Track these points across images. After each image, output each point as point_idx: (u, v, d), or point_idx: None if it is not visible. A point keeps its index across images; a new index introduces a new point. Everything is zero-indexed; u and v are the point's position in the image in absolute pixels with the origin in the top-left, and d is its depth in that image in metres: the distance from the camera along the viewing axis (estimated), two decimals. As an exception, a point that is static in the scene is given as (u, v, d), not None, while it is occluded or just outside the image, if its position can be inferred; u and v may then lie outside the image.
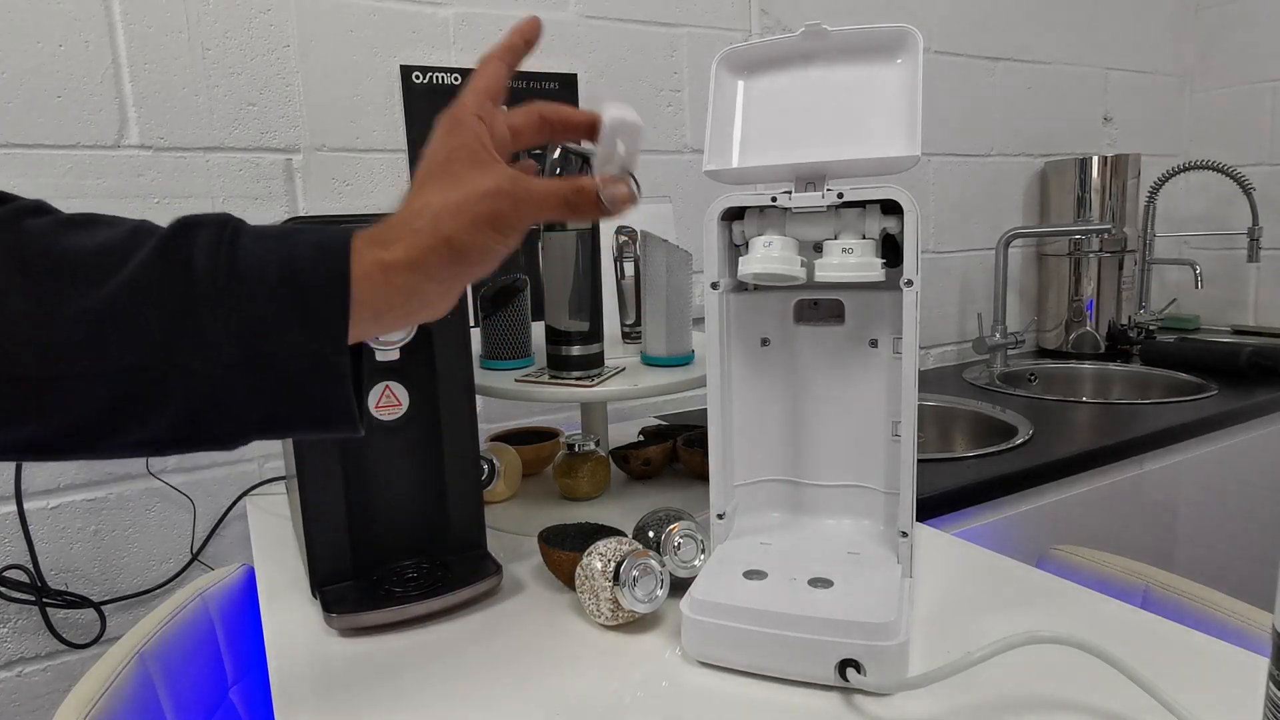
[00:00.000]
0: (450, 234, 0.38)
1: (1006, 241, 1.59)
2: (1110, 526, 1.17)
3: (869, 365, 0.68)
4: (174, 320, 0.34)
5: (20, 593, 0.94)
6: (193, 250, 0.35)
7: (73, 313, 0.33)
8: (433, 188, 0.39)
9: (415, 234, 0.38)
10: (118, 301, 0.33)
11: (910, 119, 0.59)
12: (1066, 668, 0.55)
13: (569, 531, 0.74)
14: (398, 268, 0.37)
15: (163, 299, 0.33)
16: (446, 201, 0.38)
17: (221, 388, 0.34)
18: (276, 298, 0.35)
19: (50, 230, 0.35)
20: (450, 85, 1.14)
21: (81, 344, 0.33)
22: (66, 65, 0.93)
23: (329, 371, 0.36)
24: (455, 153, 0.40)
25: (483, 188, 0.39)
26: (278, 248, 0.36)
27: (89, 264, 0.34)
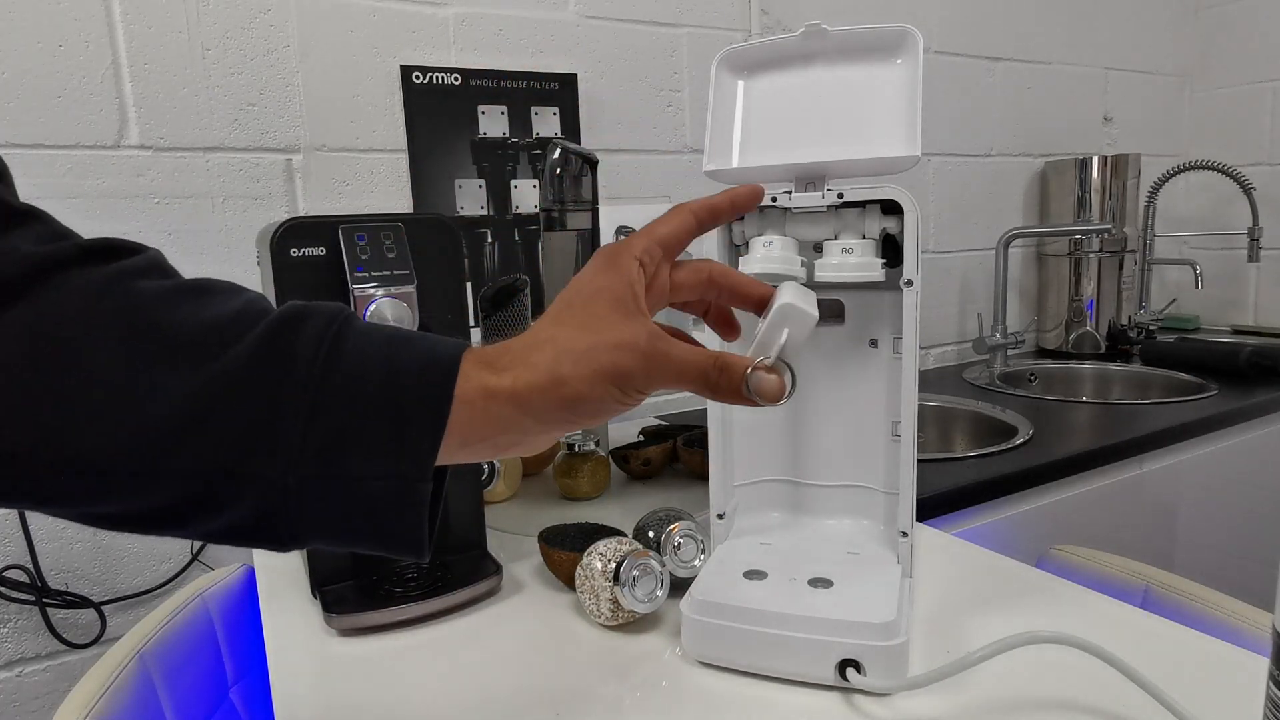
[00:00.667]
0: (567, 377, 0.34)
1: (1006, 241, 1.59)
2: (1110, 526, 1.17)
3: (869, 365, 0.68)
4: (260, 421, 0.31)
5: (20, 593, 0.94)
6: (295, 345, 0.32)
7: (163, 399, 0.30)
8: (566, 323, 0.36)
9: (530, 367, 0.34)
10: (211, 392, 0.31)
11: (910, 119, 0.59)
12: (1066, 668, 0.55)
13: (569, 531, 0.74)
14: (501, 397, 0.34)
15: (254, 397, 0.31)
16: (575, 342, 0.35)
17: (292, 497, 0.32)
18: (367, 412, 0.32)
19: (163, 297, 0.32)
20: (450, 85, 1.14)
21: (162, 439, 0.30)
22: (66, 65, 0.93)
23: (406, 498, 0.33)
24: (601, 292, 0.37)
25: (617, 339, 0.35)
26: (382, 354, 0.33)
27: (193, 343, 0.31)
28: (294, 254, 0.64)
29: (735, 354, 0.38)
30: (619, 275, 0.38)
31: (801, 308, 0.41)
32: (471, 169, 1.17)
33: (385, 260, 0.65)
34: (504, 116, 1.18)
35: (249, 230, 1.04)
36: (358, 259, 0.64)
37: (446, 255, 0.69)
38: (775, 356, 0.40)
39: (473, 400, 0.33)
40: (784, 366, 0.40)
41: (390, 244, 0.66)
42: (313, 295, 0.63)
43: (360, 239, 0.65)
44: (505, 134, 1.19)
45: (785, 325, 0.40)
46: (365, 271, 0.64)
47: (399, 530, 0.33)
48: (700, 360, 0.37)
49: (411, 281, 0.66)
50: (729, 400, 0.38)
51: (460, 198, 1.17)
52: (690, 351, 0.37)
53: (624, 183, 1.30)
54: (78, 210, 0.94)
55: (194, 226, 1.01)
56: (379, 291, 0.64)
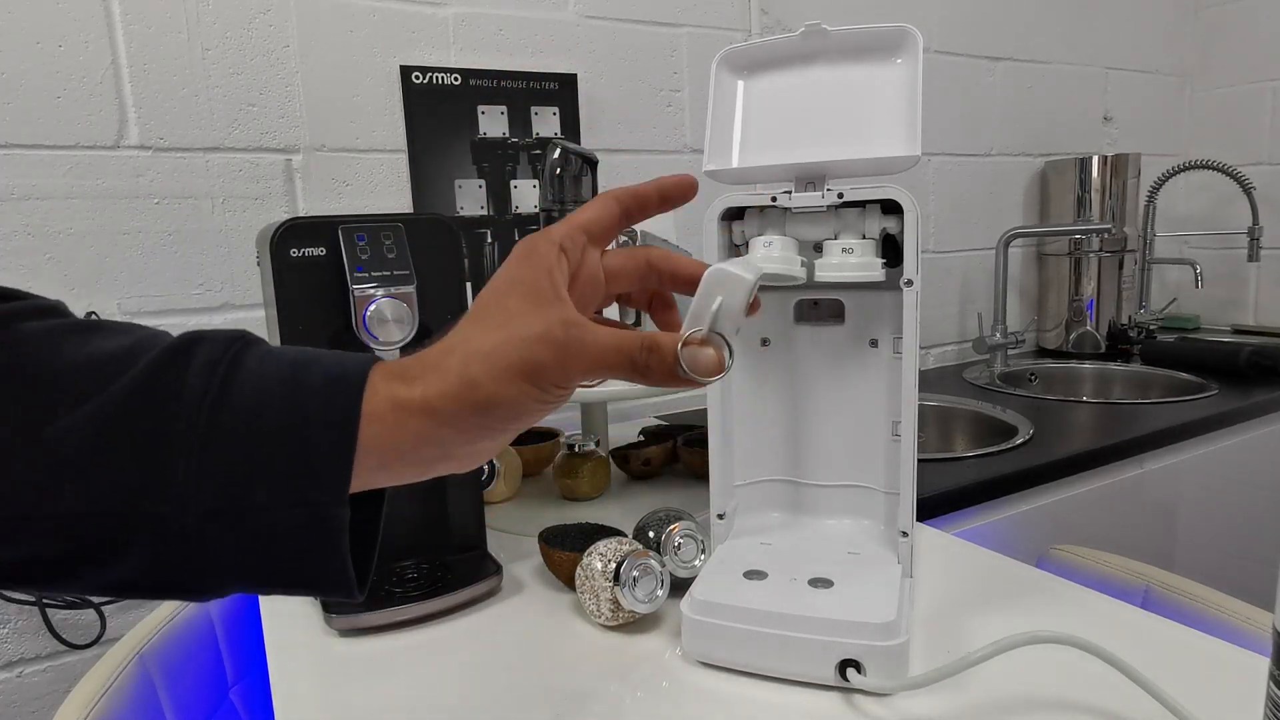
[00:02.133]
0: (476, 379, 0.31)
1: (1006, 241, 1.59)
2: (1110, 526, 1.17)
3: (869, 365, 0.68)
4: (147, 459, 0.28)
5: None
6: (185, 375, 0.29)
7: (39, 441, 0.28)
8: (479, 323, 0.33)
9: (440, 374, 0.32)
10: (89, 432, 0.28)
11: (910, 119, 0.59)
12: (1067, 668, 0.55)
13: (569, 531, 0.74)
14: (412, 409, 0.31)
15: (139, 433, 0.28)
16: (484, 341, 0.32)
17: (194, 539, 0.29)
18: (269, 438, 0.29)
19: (44, 336, 0.30)
20: (450, 85, 1.14)
21: (38, 482, 0.28)
22: (66, 65, 0.93)
23: (320, 528, 0.30)
24: (516, 285, 0.34)
25: (528, 331, 0.32)
26: (284, 374, 0.30)
27: (71, 380, 0.29)
28: (294, 254, 0.64)
29: (664, 332, 0.35)
30: (535, 264, 0.35)
31: (733, 271, 0.37)
32: (471, 169, 1.17)
33: (385, 260, 0.65)
34: (504, 116, 1.18)
35: (249, 230, 1.04)
36: (358, 259, 0.64)
37: (446, 255, 0.69)
38: (709, 328, 0.36)
39: (383, 415, 0.31)
40: (720, 340, 0.36)
41: (390, 244, 0.66)
42: (313, 296, 0.64)
43: (360, 239, 0.65)
44: (505, 134, 1.19)
45: (717, 292, 0.36)
46: (365, 272, 0.64)
47: (318, 565, 0.30)
48: (625, 342, 0.33)
49: (411, 282, 0.66)
50: (663, 384, 0.34)
51: (460, 198, 1.17)
52: (613, 334, 0.33)
53: (624, 183, 1.29)
54: (77, 210, 0.94)
55: (194, 227, 1.01)
56: (379, 292, 0.64)
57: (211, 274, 1.03)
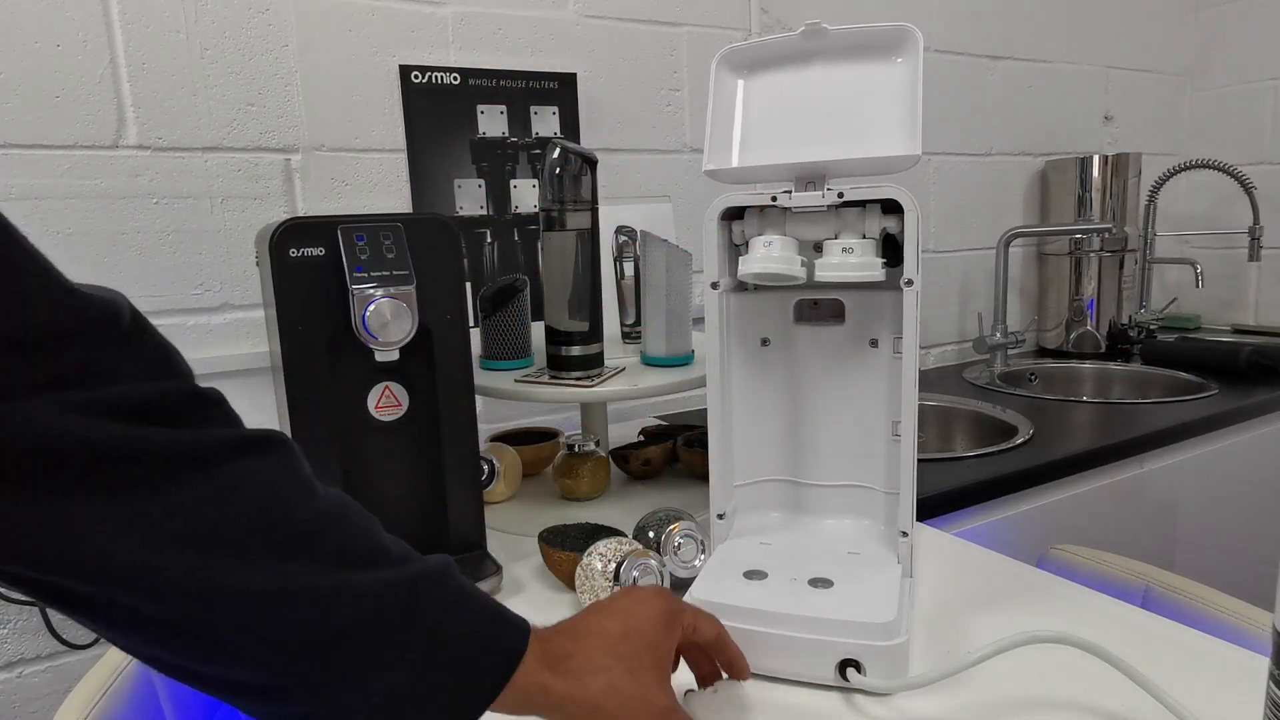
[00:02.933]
0: (607, 710, 0.41)
1: (1007, 241, 1.59)
2: (1110, 526, 1.17)
3: (869, 365, 0.68)
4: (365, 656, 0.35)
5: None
6: (429, 603, 0.37)
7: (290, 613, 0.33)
8: (622, 659, 0.42)
9: (584, 687, 0.41)
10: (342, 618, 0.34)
11: (910, 118, 0.59)
12: (1067, 668, 0.55)
13: (569, 531, 0.74)
14: (553, 696, 0.40)
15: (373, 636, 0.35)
16: (623, 685, 0.41)
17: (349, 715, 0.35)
18: (441, 676, 0.37)
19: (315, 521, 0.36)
20: (449, 85, 1.14)
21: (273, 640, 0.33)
22: (64, 65, 0.93)
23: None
24: (654, 648, 0.44)
25: (652, 700, 0.42)
26: (474, 630, 0.38)
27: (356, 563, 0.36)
28: (293, 254, 0.64)
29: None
30: (668, 640, 0.45)
31: None
32: (471, 169, 1.17)
33: (384, 260, 0.65)
34: (503, 116, 1.18)
35: (248, 230, 1.04)
36: (357, 259, 0.64)
37: (446, 255, 0.69)
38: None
39: (525, 689, 0.38)
40: None
41: (389, 244, 0.66)
42: (312, 296, 0.64)
43: (359, 239, 0.65)
44: (504, 134, 1.18)
45: None
46: (364, 272, 0.64)
47: None
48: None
49: (411, 281, 0.66)
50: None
51: (459, 197, 1.16)
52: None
53: (624, 182, 1.30)
54: (76, 210, 0.94)
55: (193, 226, 1.01)
56: (378, 292, 0.64)
57: (210, 274, 1.03)
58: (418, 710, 0.36)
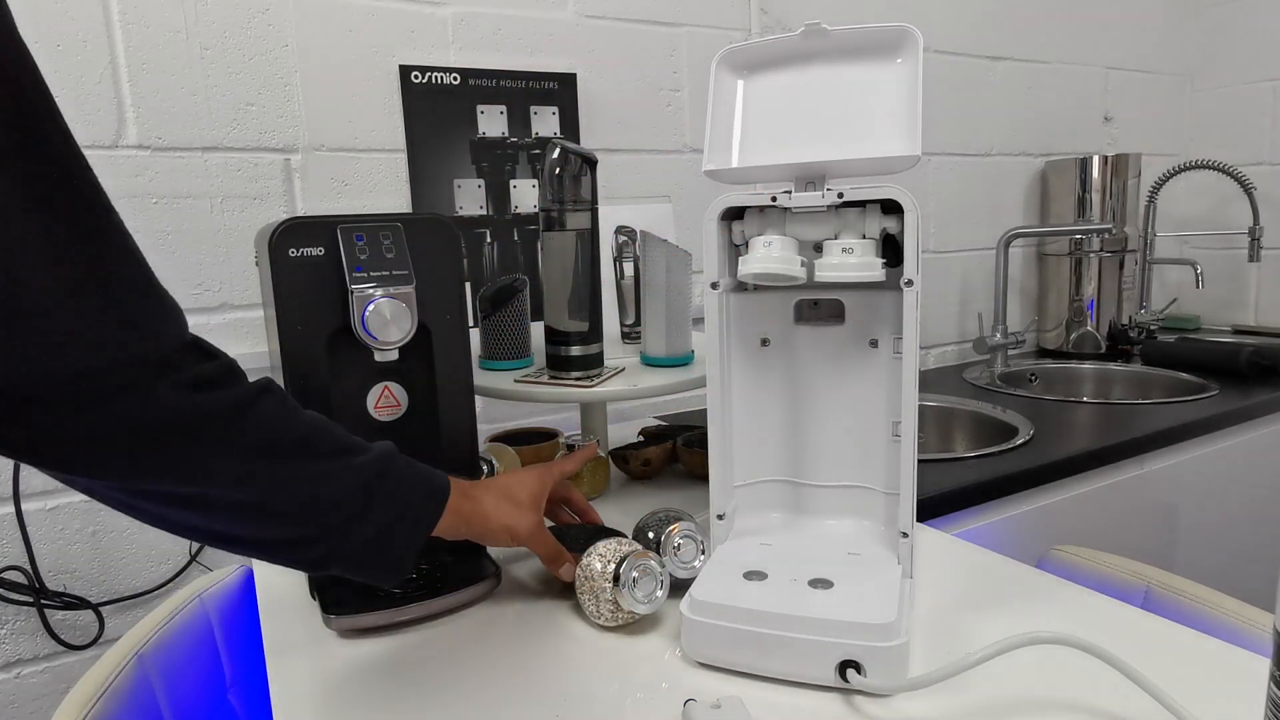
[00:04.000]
0: (488, 517, 0.64)
1: (1007, 241, 1.59)
2: (1111, 527, 1.17)
3: (869, 365, 0.68)
4: (356, 512, 0.53)
5: (18, 594, 0.93)
6: (386, 474, 0.55)
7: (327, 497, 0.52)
8: (507, 494, 0.66)
9: (478, 505, 0.63)
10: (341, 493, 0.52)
11: (910, 119, 0.59)
12: (1067, 668, 0.55)
13: (570, 532, 0.74)
14: (461, 514, 0.61)
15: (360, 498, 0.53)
16: (504, 509, 0.65)
17: (352, 551, 0.53)
18: (406, 516, 0.56)
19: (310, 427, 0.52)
20: (449, 85, 1.14)
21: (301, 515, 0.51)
22: (64, 65, 0.93)
23: (402, 563, 0.56)
24: (529, 490, 0.68)
25: (518, 521, 0.65)
26: (417, 483, 0.57)
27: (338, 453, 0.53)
28: (292, 254, 0.63)
29: (568, 556, 0.68)
30: (540, 487, 0.69)
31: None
32: (470, 169, 1.17)
33: (384, 260, 0.65)
34: (503, 116, 1.18)
35: (247, 230, 1.04)
36: (356, 259, 0.64)
37: (445, 255, 0.69)
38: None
39: (452, 511, 0.60)
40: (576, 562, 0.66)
41: (389, 244, 0.66)
42: (312, 295, 0.64)
43: (359, 239, 0.65)
44: (504, 134, 1.18)
45: None
46: (364, 271, 0.64)
47: (391, 575, 0.56)
48: (548, 550, 0.67)
49: (410, 281, 0.66)
50: (550, 568, 0.69)
51: (459, 197, 1.16)
52: (547, 544, 0.67)
53: (623, 182, 1.30)
54: (76, 210, 0.94)
55: (192, 226, 1.01)
56: (378, 292, 0.64)
57: (210, 274, 1.02)
58: (396, 536, 0.55)
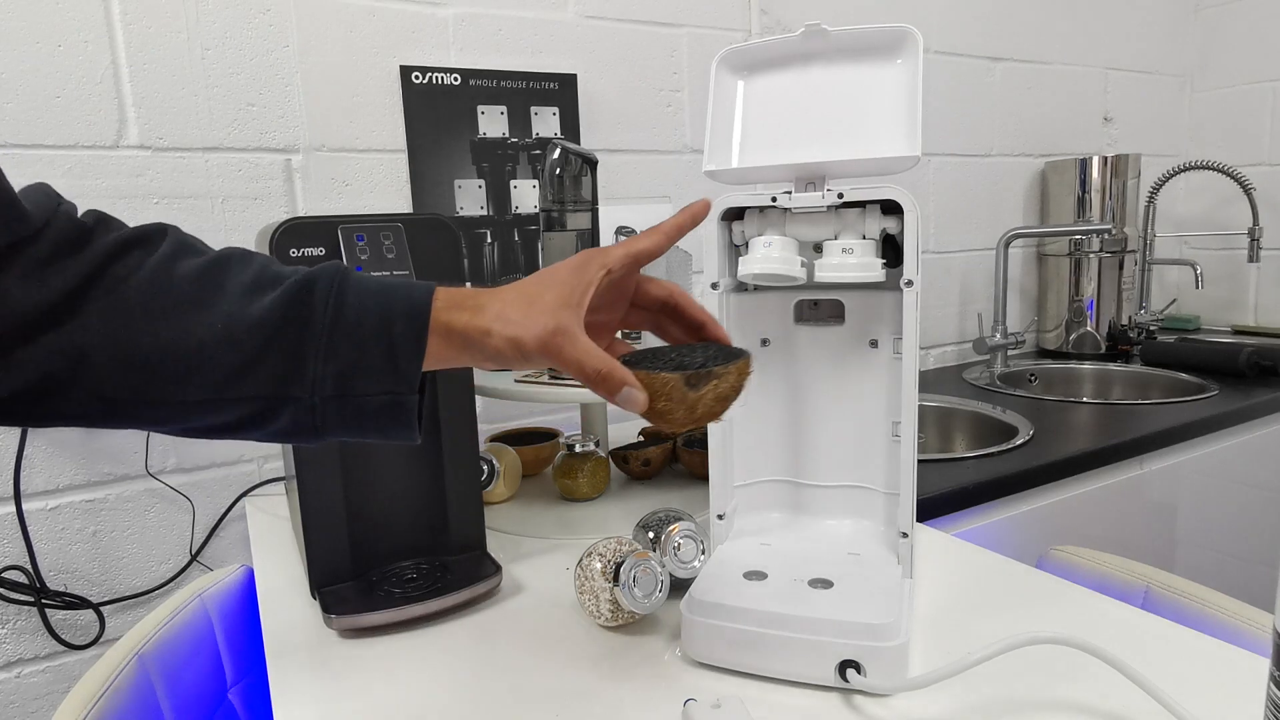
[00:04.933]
0: (494, 331, 0.45)
1: (1007, 242, 1.59)
2: (1110, 527, 1.17)
3: (869, 365, 0.68)
4: (291, 362, 0.42)
5: (19, 593, 0.93)
6: (313, 302, 0.43)
7: (223, 356, 0.42)
8: (520, 295, 0.46)
9: (479, 315, 0.45)
10: (259, 338, 0.42)
11: (910, 119, 0.59)
12: (1067, 668, 0.55)
13: (663, 353, 0.51)
14: (455, 332, 0.45)
15: (288, 342, 0.42)
16: (513, 312, 0.45)
17: (318, 413, 0.43)
18: (368, 349, 0.43)
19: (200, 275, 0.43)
20: (450, 85, 1.14)
21: (226, 381, 0.42)
22: (65, 65, 0.93)
23: (400, 407, 0.44)
24: (557, 285, 0.46)
25: (536, 325, 0.44)
26: (374, 305, 0.44)
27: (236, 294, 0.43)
28: (293, 254, 0.64)
29: (621, 368, 0.45)
30: (580, 276, 0.47)
31: None
32: (471, 169, 1.17)
33: (384, 260, 0.65)
34: (503, 117, 1.18)
35: (248, 230, 1.04)
36: (357, 259, 0.64)
37: (446, 255, 0.69)
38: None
39: (439, 331, 0.45)
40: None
41: (389, 244, 0.66)
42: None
43: (359, 239, 0.65)
44: (505, 134, 1.18)
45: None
46: (364, 272, 0.64)
47: (396, 428, 0.45)
48: (590, 361, 0.45)
49: (411, 282, 0.65)
50: (604, 397, 0.46)
51: (460, 198, 1.16)
52: (585, 352, 0.45)
53: (624, 183, 1.30)
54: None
55: (193, 226, 1.01)
56: (378, 292, 0.64)
57: (211, 274, 1.02)
58: (365, 384, 0.43)
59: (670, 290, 0.53)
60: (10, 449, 0.92)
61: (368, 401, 0.44)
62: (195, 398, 0.42)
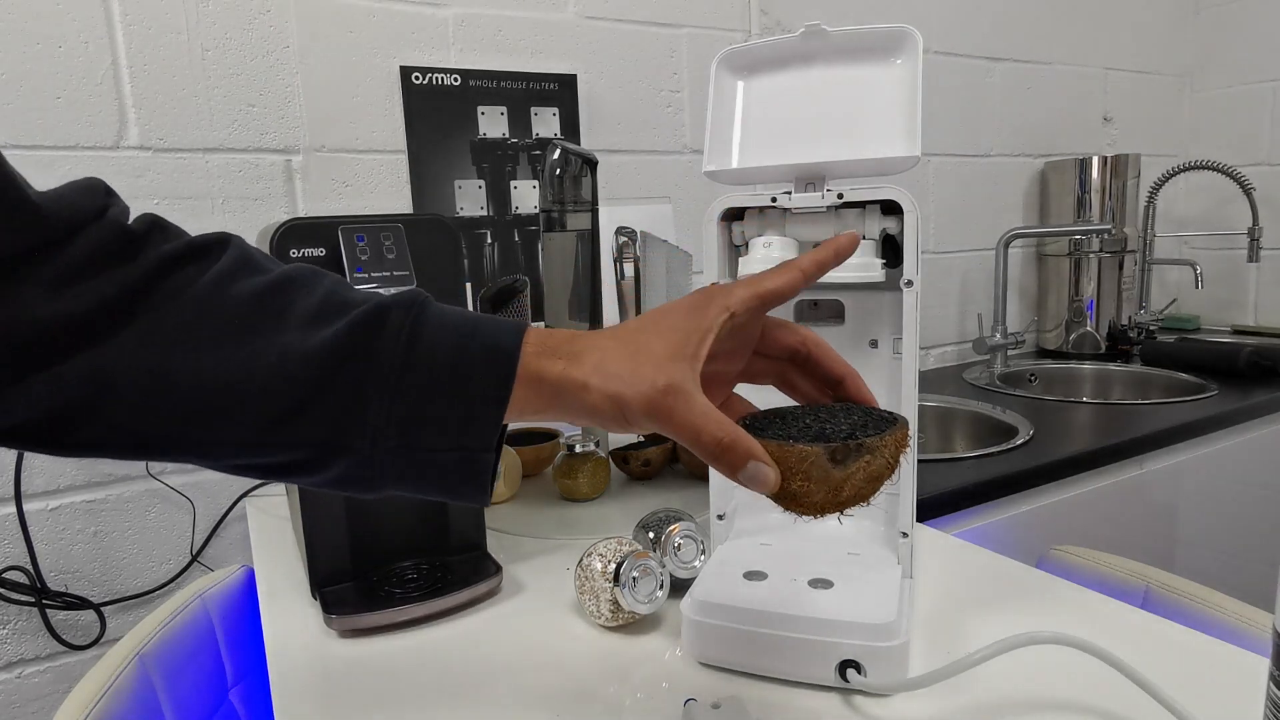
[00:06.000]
0: (592, 387, 0.38)
1: (1006, 242, 1.59)
2: (1110, 527, 1.17)
3: (869, 366, 0.68)
4: (351, 405, 0.37)
5: (20, 594, 0.94)
6: (383, 337, 0.37)
7: (274, 394, 0.36)
8: (624, 342, 0.39)
9: (574, 365, 0.38)
10: (308, 380, 0.36)
11: (910, 119, 0.59)
12: (1067, 668, 0.55)
13: (798, 415, 0.45)
14: (546, 383, 0.38)
15: (346, 384, 0.37)
16: (614, 364, 0.38)
17: (377, 465, 0.38)
18: (440, 396, 0.37)
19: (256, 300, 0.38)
20: (450, 86, 1.14)
21: (274, 424, 0.37)
22: (66, 66, 0.93)
23: (472, 467, 0.38)
24: (670, 332, 0.39)
25: (643, 381, 0.37)
26: (451, 343, 0.38)
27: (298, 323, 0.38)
28: (294, 255, 0.64)
29: (747, 438, 0.38)
30: (697, 321, 0.40)
31: None
32: (471, 169, 1.17)
33: (385, 261, 0.65)
34: (504, 117, 1.18)
35: (249, 231, 1.04)
36: (357, 260, 0.64)
37: (446, 256, 0.69)
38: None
39: (529, 381, 0.38)
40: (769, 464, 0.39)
41: (390, 245, 0.66)
42: (312, 296, 0.64)
43: (360, 240, 0.65)
44: (505, 134, 1.19)
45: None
46: (365, 272, 0.64)
47: (466, 490, 0.39)
48: (708, 428, 0.38)
49: (411, 282, 0.66)
50: (726, 476, 0.39)
51: (460, 198, 1.17)
52: (702, 416, 0.37)
53: (624, 183, 1.30)
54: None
55: (194, 227, 1.00)
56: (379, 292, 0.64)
57: (211, 274, 1.03)
58: (434, 436, 0.37)
59: (804, 337, 0.46)
60: (11, 450, 0.92)
61: (436, 457, 0.38)
62: (234, 439, 0.37)
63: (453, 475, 0.38)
